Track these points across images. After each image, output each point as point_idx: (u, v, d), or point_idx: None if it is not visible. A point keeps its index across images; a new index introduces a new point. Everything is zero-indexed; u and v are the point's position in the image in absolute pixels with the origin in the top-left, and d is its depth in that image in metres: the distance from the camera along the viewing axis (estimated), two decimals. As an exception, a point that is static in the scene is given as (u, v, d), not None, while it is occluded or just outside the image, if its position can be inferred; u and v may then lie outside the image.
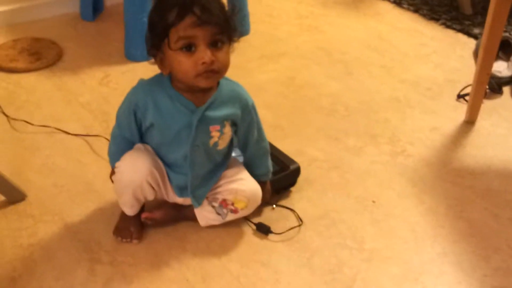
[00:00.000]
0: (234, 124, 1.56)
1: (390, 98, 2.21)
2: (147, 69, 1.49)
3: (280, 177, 1.74)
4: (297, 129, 2.04)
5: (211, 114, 1.50)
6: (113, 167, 1.59)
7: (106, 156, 1.63)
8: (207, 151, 1.56)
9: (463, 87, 2.22)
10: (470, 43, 2.53)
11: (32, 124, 1.99)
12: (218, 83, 1.51)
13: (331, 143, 1.98)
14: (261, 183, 1.65)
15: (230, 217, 1.62)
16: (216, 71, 1.43)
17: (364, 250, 1.60)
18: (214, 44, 1.41)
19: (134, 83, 2.07)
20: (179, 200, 1.62)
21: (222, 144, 1.57)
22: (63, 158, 1.87)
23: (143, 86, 1.51)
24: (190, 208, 1.63)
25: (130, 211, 1.60)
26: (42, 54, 2.35)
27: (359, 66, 2.39)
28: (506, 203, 1.76)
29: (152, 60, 1.48)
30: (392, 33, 2.63)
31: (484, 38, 1.95)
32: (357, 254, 1.58)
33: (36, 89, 2.19)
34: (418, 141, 2.00)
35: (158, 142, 1.55)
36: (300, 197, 1.75)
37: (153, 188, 1.56)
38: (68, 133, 1.96)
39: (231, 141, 1.60)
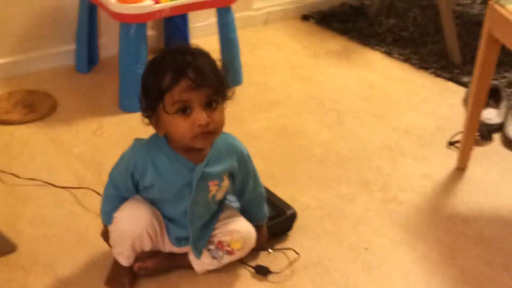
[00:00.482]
0: (231, 176, 1.57)
1: (382, 146, 2.23)
2: (141, 120, 1.50)
3: (276, 222, 1.75)
4: (289, 177, 2.05)
5: (210, 170, 1.51)
6: (106, 225, 1.59)
7: (96, 208, 1.62)
8: (206, 204, 1.56)
9: (453, 134, 2.24)
10: (459, 91, 2.56)
11: (19, 177, 1.99)
12: None
13: (323, 191, 1.99)
14: (257, 228, 1.65)
15: (226, 259, 1.62)
16: (212, 132, 1.44)
17: (357, 298, 1.59)
18: (209, 105, 1.43)
19: (128, 133, 2.07)
20: (176, 249, 1.62)
21: (220, 195, 1.58)
22: (54, 209, 1.87)
23: (140, 148, 1.52)
24: (184, 255, 1.63)
25: (126, 262, 1.59)
26: (36, 106, 2.37)
27: (351, 114, 2.42)
28: (498, 249, 1.76)
29: (147, 121, 1.48)
30: (383, 82, 2.66)
31: (473, 86, 1.98)
32: (350, 302, 1.58)
33: (30, 141, 2.20)
34: (410, 188, 2.00)
35: (156, 199, 1.55)
36: (293, 245, 1.74)
37: (151, 239, 1.56)
38: (56, 186, 1.95)
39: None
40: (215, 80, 1.43)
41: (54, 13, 2.62)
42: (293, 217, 1.78)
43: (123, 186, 1.54)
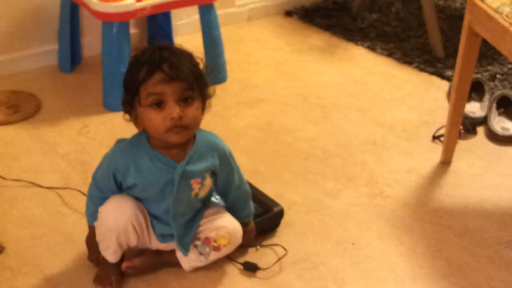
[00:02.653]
0: (213, 174, 1.59)
1: (367, 141, 2.24)
2: (123, 116, 1.51)
3: (264, 219, 1.76)
4: (275, 173, 2.06)
5: (191, 168, 1.53)
6: (91, 225, 1.60)
7: (83, 208, 1.63)
8: (189, 202, 1.57)
9: (438, 128, 2.25)
10: (443, 85, 2.58)
11: (5, 179, 1.98)
12: (194, 137, 1.53)
13: (309, 187, 1.99)
14: (244, 224, 1.66)
15: (213, 256, 1.63)
16: (186, 126, 1.47)
17: (345, 292, 1.60)
18: (184, 100, 1.46)
19: (113, 132, 2.07)
20: (162, 246, 1.63)
21: (203, 194, 1.59)
22: (41, 210, 1.87)
23: (122, 150, 1.54)
24: (171, 253, 1.63)
25: (113, 257, 1.59)
26: (20, 107, 2.36)
27: (336, 110, 2.43)
28: (483, 241, 1.78)
29: (128, 117, 1.52)
30: (367, 77, 2.67)
31: (455, 79, 1.99)
32: (338, 297, 1.59)
33: (14, 142, 2.19)
34: (395, 183, 2.02)
35: (139, 197, 1.57)
36: (280, 241, 1.75)
37: (136, 233, 1.56)
38: (42, 186, 1.95)
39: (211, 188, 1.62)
40: (191, 76, 1.46)
41: (36, 12, 2.60)
42: (280, 213, 1.79)
43: (107, 187, 1.56)
